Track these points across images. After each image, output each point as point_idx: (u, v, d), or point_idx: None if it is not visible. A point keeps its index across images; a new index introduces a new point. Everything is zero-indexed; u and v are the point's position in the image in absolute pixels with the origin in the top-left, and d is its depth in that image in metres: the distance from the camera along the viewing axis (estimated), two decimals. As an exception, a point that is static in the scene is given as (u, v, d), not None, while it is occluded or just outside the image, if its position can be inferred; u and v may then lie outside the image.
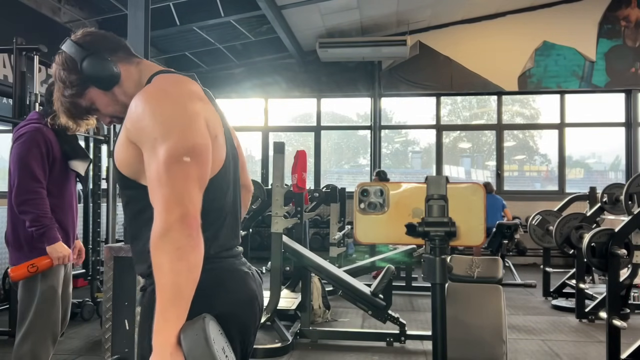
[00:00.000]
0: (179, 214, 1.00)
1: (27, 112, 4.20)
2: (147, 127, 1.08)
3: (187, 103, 1.12)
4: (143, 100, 1.11)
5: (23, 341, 2.40)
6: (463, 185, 1.90)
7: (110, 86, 1.23)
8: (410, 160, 10.40)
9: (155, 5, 6.20)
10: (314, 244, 8.01)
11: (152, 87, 1.16)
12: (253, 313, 1.22)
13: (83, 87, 1.24)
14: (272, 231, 3.97)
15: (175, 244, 0.98)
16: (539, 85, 8.82)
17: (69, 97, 1.25)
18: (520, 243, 7.36)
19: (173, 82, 1.18)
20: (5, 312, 4.34)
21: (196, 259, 1.01)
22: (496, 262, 3.38)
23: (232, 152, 1.26)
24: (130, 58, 1.27)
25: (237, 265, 1.23)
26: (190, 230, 1.00)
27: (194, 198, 1.03)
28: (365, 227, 1.95)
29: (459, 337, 2.81)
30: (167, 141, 1.04)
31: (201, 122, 1.11)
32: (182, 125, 1.07)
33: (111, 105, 1.26)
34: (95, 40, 1.25)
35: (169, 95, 1.12)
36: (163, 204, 1.01)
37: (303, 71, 9.29)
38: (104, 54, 1.23)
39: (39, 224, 2.35)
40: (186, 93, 1.15)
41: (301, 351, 3.89)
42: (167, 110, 1.09)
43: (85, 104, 1.27)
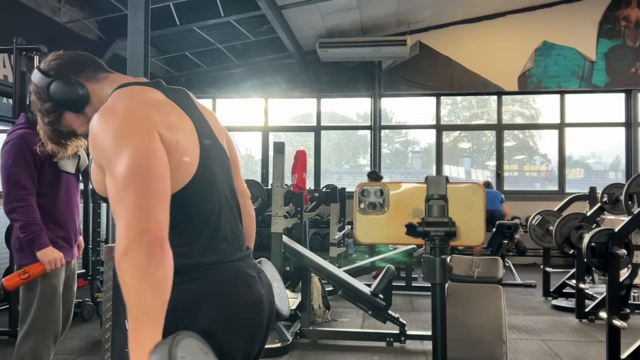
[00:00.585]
0: (136, 232, 0.96)
1: (27, 112, 4.20)
2: (102, 148, 1.07)
3: (136, 117, 1.09)
4: (95, 121, 1.11)
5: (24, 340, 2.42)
6: (463, 185, 1.90)
7: (81, 108, 1.24)
8: (410, 160, 10.40)
9: (155, 5, 6.20)
10: (314, 244, 8.01)
11: (104, 106, 1.15)
12: (257, 317, 1.20)
13: (58, 113, 1.26)
14: (272, 231, 3.97)
15: (135, 264, 0.95)
16: (539, 85, 8.83)
17: (48, 125, 1.27)
18: (520, 243, 7.36)
19: (124, 96, 1.16)
20: (5, 312, 4.34)
21: (160, 276, 0.97)
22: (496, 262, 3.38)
23: (216, 152, 1.23)
24: (97, 75, 1.27)
25: (244, 268, 1.20)
26: (150, 248, 0.96)
27: (153, 214, 0.99)
28: (365, 227, 1.94)
29: (459, 337, 2.81)
30: (120, 160, 1.03)
31: (153, 135, 1.07)
32: (132, 141, 1.05)
33: (85, 126, 1.26)
34: (60, 64, 1.26)
35: (117, 111, 1.10)
36: (122, 223, 0.99)
37: (303, 71, 9.29)
38: (69, 77, 1.23)
39: (28, 230, 2.39)
40: (137, 106, 1.12)
41: (301, 351, 3.90)
42: (116, 128, 1.07)
43: (65, 129, 1.28)
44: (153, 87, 1.21)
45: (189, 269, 1.12)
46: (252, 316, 1.18)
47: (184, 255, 1.11)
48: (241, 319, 1.15)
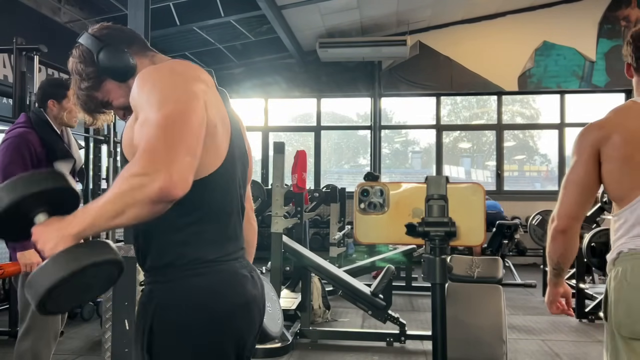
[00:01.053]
0: (164, 164, 0.93)
1: (27, 112, 4.21)
2: (147, 93, 1.06)
3: (189, 81, 1.11)
4: (149, 71, 1.12)
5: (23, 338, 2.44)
6: (463, 185, 1.91)
7: (126, 78, 1.23)
8: (410, 160, 10.40)
9: (155, 5, 6.20)
10: (314, 244, 8.01)
11: (160, 64, 1.18)
12: (250, 317, 1.21)
13: (99, 80, 1.24)
14: (272, 231, 3.97)
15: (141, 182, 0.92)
16: (539, 85, 8.83)
17: (85, 90, 1.25)
18: (520, 243, 7.36)
19: (181, 63, 1.18)
20: (5, 312, 4.34)
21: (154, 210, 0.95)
22: (496, 262, 3.38)
23: (240, 153, 1.24)
24: (146, 51, 1.29)
25: (238, 268, 1.21)
26: (158, 195, 0.92)
27: (183, 162, 0.96)
28: (365, 227, 1.95)
29: (459, 337, 2.81)
30: (163, 108, 1.01)
31: (201, 101, 1.08)
32: (180, 99, 1.05)
33: (125, 97, 1.25)
34: (111, 33, 1.26)
35: (174, 71, 1.13)
36: (146, 149, 0.95)
37: (303, 71, 9.29)
38: (120, 46, 1.23)
39: None
40: (191, 74, 1.14)
41: (301, 351, 3.90)
42: (168, 83, 1.08)
43: (101, 97, 1.27)
44: (206, 72, 1.23)
45: (185, 261, 1.13)
46: (246, 315, 1.19)
47: (186, 245, 1.13)
48: (233, 319, 1.15)
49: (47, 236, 0.99)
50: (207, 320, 1.11)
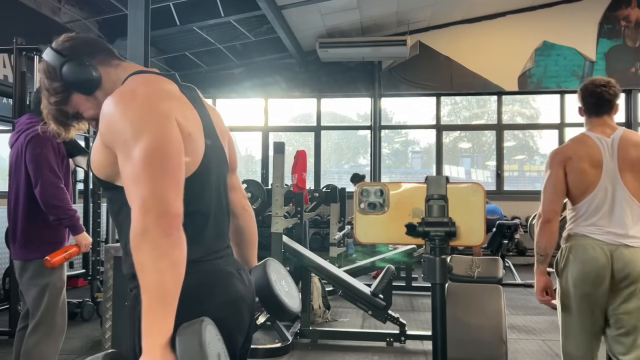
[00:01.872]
0: (155, 213, 0.98)
1: (27, 112, 4.21)
2: (118, 130, 1.07)
3: (156, 103, 1.11)
4: (113, 103, 1.11)
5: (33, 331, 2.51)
6: (463, 185, 1.90)
7: (92, 90, 1.24)
8: (410, 160, 10.40)
9: (155, 5, 6.20)
10: (314, 244, 8.01)
11: (122, 88, 1.16)
12: (238, 315, 1.21)
13: (66, 94, 1.24)
14: (272, 231, 3.97)
15: (155, 243, 0.97)
16: (539, 85, 8.83)
17: (54, 105, 1.26)
18: (520, 243, 7.35)
19: (143, 82, 1.17)
20: (5, 312, 4.34)
21: (178, 256, 0.99)
22: (496, 262, 3.38)
23: (216, 153, 1.25)
24: (110, 60, 1.28)
25: (222, 266, 1.21)
26: (169, 229, 0.98)
27: (171, 197, 1.01)
28: (365, 227, 1.94)
29: (459, 337, 2.81)
30: (139, 142, 1.04)
31: (172, 122, 1.09)
32: (152, 125, 1.06)
33: (94, 109, 1.26)
34: (73, 45, 1.25)
35: (138, 95, 1.11)
36: (140, 204, 1.00)
37: (303, 71, 9.29)
38: (83, 59, 1.23)
39: (67, 215, 2.51)
40: (156, 93, 1.14)
41: (301, 351, 3.90)
42: (136, 112, 1.08)
43: (71, 110, 1.27)
44: (169, 78, 1.23)
45: None
46: (234, 312, 1.19)
47: None
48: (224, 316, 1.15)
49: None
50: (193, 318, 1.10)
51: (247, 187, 4.67)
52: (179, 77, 1.29)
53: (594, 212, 2.27)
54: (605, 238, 2.23)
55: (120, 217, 1.18)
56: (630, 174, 2.25)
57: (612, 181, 2.25)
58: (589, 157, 2.27)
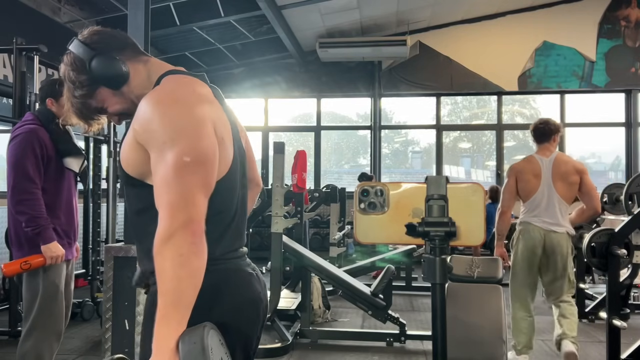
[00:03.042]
0: (183, 220, 0.99)
1: (27, 112, 4.21)
2: (156, 130, 1.07)
3: (195, 107, 1.11)
4: (152, 104, 1.10)
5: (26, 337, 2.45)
6: (463, 185, 1.90)
7: (120, 85, 1.23)
8: (410, 160, 10.40)
9: (155, 5, 6.20)
10: (314, 244, 8.01)
11: (161, 89, 1.15)
12: (256, 314, 1.22)
13: (93, 87, 1.23)
14: (272, 231, 3.97)
15: (178, 250, 0.98)
16: (539, 85, 8.83)
17: (79, 98, 1.24)
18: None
19: (182, 84, 1.17)
20: (5, 312, 4.33)
21: (199, 266, 1.00)
22: (496, 262, 3.38)
23: (239, 152, 1.26)
24: (138, 56, 1.27)
25: (242, 266, 1.22)
26: (193, 237, 0.99)
27: (199, 204, 1.03)
28: (365, 227, 1.94)
29: (459, 337, 2.81)
30: (175, 146, 1.04)
31: (209, 127, 1.10)
32: (190, 131, 1.07)
33: (120, 104, 1.25)
34: (102, 39, 1.24)
35: (178, 99, 1.11)
36: (168, 209, 1.01)
37: (303, 71, 9.29)
38: (112, 53, 1.22)
39: (34, 224, 2.40)
40: (195, 96, 1.14)
41: (301, 351, 3.89)
42: (175, 115, 1.08)
43: (96, 104, 1.26)
44: (200, 79, 1.23)
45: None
46: (252, 312, 1.21)
47: None
48: (243, 315, 1.18)
49: None
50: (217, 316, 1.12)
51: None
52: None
53: (535, 208, 3.43)
54: (541, 225, 3.40)
55: (144, 215, 1.17)
56: (560, 182, 3.41)
57: (547, 187, 3.42)
58: (532, 171, 3.47)
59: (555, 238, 3.37)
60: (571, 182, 3.44)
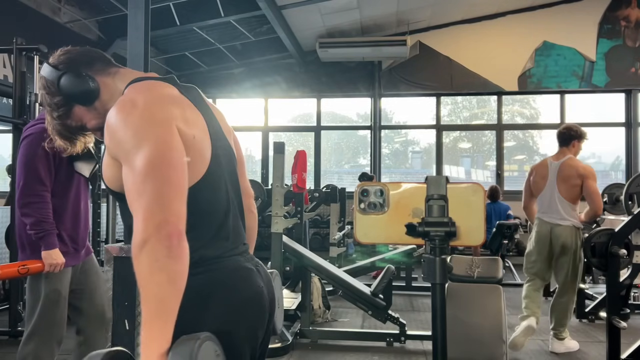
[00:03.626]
0: (156, 224, 0.97)
1: (27, 112, 4.20)
2: (121, 140, 1.07)
3: (155, 110, 1.11)
4: (113, 114, 1.11)
5: (27, 341, 2.42)
6: (463, 185, 1.90)
7: (92, 101, 1.24)
8: (410, 160, 10.40)
9: (155, 5, 6.20)
10: (314, 244, 8.01)
11: (122, 98, 1.15)
12: (260, 309, 1.22)
13: (68, 107, 1.25)
14: (272, 231, 3.97)
15: (154, 255, 0.96)
16: (539, 85, 8.83)
17: (57, 119, 1.26)
18: (520, 243, 7.35)
19: (142, 89, 1.17)
20: (5, 312, 4.33)
21: (177, 269, 0.98)
22: (496, 262, 3.38)
23: (224, 151, 1.25)
24: (107, 69, 1.28)
25: (242, 262, 1.22)
26: (169, 241, 0.97)
27: (173, 206, 1.00)
28: (365, 227, 1.94)
29: (459, 337, 2.81)
30: (140, 151, 1.03)
31: (172, 128, 1.09)
32: (152, 134, 1.06)
33: (96, 119, 1.26)
34: (69, 58, 1.26)
35: (137, 104, 1.11)
36: (140, 215, 0.99)
37: (303, 71, 9.29)
38: (79, 70, 1.24)
39: (39, 228, 2.35)
40: (155, 99, 1.14)
41: (301, 351, 3.90)
42: (135, 121, 1.08)
43: (74, 123, 1.27)
44: (168, 82, 1.23)
45: (191, 263, 1.13)
46: (254, 308, 1.20)
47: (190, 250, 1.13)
48: (243, 314, 1.16)
49: None
50: (219, 315, 1.12)
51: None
52: (179, 77, 1.29)
53: (541, 205, 4.01)
54: (548, 220, 3.91)
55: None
56: (562, 184, 3.87)
57: (550, 188, 3.93)
58: (541, 173, 4.02)
59: (560, 230, 3.83)
60: (573, 185, 3.84)
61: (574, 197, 3.85)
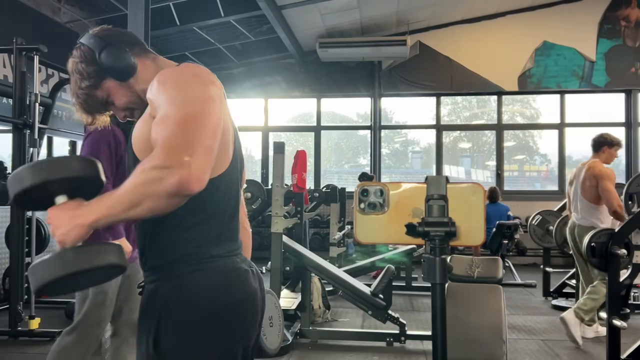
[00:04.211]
0: (180, 161, 0.96)
1: (27, 112, 4.21)
2: (168, 92, 1.08)
3: (208, 85, 1.13)
4: (170, 72, 1.13)
5: (69, 332, 2.45)
6: (463, 185, 1.90)
7: (127, 77, 1.25)
8: (410, 160, 10.40)
9: (155, 5, 6.20)
10: (314, 244, 8.00)
11: (181, 67, 1.18)
12: (254, 310, 1.23)
13: (100, 79, 1.24)
14: (272, 231, 3.97)
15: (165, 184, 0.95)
16: (539, 85, 8.83)
17: (85, 89, 1.25)
18: (520, 243, 7.35)
19: (199, 66, 1.20)
20: (5, 312, 4.33)
21: (162, 208, 0.99)
22: (496, 262, 3.38)
23: (238, 153, 1.27)
24: (147, 53, 1.30)
25: (239, 263, 1.23)
26: (179, 185, 0.96)
27: (201, 159, 0.99)
28: (365, 227, 1.94)
29: (459, 337, 2.81)
30: (183, 107, 1.05)
31: (217, 104, 1.12)
32: (200, 99, 1.08)
33: (126, 97, 1.27)
34: (113, 34, 1.27)
35: (194, 74, 1.14)
36: (166, 144, 0.99)
37: (303, 71, 9.29)
38: (122, 46, 1.25)
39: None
40: (209, 78, 1.16)
41: (301, 351, 3.89)
42: (189, 84, 1.10)
43: (101, 96, 1.27)
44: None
45: (190, 259, 1.15)
46: (249, 309, 1.21)
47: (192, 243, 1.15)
48: (240, 313, 1.18)
49: (61, 221, 1.00)
50: (215, 313, 1.13)
51: (247, 187, 4.67)
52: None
53: (570, 205, 4.57)
54: (574, 219, 4.41)
55: None
56: (582, 186, 4.28)
57: (574, 190, 4.42)
58: (572, 177, 4.56)
59: (579, 229, 4.27)
60: (590, 186, 4.21)
61: (592, 198, 4.18)
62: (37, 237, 4.47)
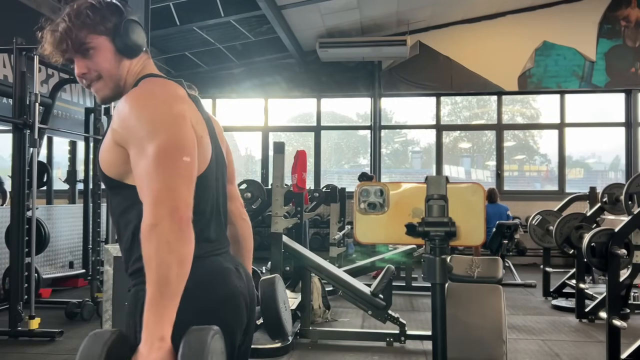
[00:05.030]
0: (168, 209, 1.01)
1: (27, 112, 4.21)
2: (134, 126, 1.09)
3: (172, 104, 1.14)
4: (130, 102, 1.13)
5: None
6: (463, 185, 1.91)
7: (130, 55, 1.23)
8: (410, 160, 10.40)
9: (155, 5, 6.20)
10: (314, 244, 8.00)
11: (139, 89, 1.17)
12: (238, 310, 1.22)
13: (100, 30, 1.19)
14: (272, 231, 3.97)
15: (164, 237, 0.99)
16: (539, 85, 8.82)
17: (77, 28, 1.18)
18: (520, 243, 7.34)
19: (159, 84, 1.20)
20: (5, 312, 4.33)
21: (186, 253, 1.01)
22: (496, 262, 3.38)
23: (217, 156, 1.28)
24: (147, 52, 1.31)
25: (221, 262, 1.23)
26: (180, 225, 1.01)
27: (183, 193, 1.04)
28: (365, 227, 1.94)
29: (459, 337, 2.81)
30: (156, 139, 1.06)
31: (188, 123, 1.13)
32: (169, 124, 1.09)
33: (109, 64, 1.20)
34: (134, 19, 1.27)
35: (156, 96, 1.14)
36: (152, 198, 1.02)
37: (303, 71, 9.29)
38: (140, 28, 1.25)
39: None
40: (171, 95, 1.17)
41: (301, 351, 3.89)
42: (153, 111, 1.11)
43: (86, 42, 1.18)
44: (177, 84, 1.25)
45: None
46: (232, 307, 1.21)
47: None
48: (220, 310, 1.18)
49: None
50: (196, 311, 1.12)
51: (247, 187, 4.67)
52: (179, 77, 1.31)
53: None
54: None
55: (127, 215, 1.18)
56: None
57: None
58: None
59: None
60: None
61: None
62: (37, 237, 4.47)
